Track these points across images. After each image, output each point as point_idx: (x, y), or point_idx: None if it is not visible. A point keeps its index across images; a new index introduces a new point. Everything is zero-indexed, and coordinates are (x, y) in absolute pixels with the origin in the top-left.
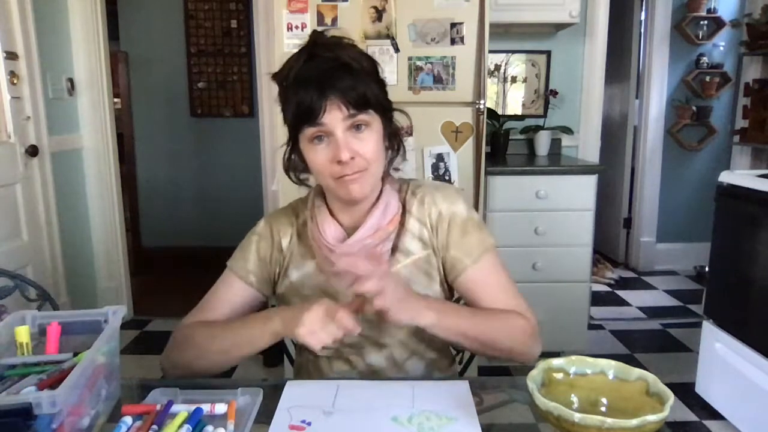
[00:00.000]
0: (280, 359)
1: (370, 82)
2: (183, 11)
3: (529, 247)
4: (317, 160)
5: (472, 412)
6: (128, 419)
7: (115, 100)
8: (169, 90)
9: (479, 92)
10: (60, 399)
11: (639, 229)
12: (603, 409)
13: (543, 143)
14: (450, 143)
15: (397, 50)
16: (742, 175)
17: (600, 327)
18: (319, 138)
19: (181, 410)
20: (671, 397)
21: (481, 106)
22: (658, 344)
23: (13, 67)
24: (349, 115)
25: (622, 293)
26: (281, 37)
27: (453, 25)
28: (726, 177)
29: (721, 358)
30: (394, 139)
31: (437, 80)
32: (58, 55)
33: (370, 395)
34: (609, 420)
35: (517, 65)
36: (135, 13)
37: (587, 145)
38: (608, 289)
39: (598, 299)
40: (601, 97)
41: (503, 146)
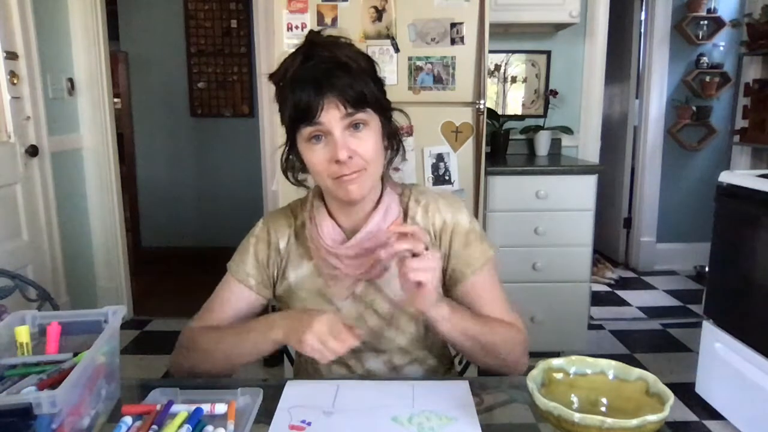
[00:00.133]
0: (280, 359)
1: (368, 81)
2: (183, 11)
3: (529, 247)
4: (315, 159)
5: (472, 412)
6: (128, 419)
7: (115, 100)
8: (169, 90)
9: (479, 92)
10: (60, 399)
11: (639, 229)
12: (603, 409)
13: (543, 143)
14: (450, 143)
15: (397, 50)
16: (742, 175)
17: (600, 327)
18: (316, 137)
19: (181, 410)
20: (671, 397)
21: (481, 106)
22: (658, 344)
23: (13, 67)
24: (347, 113)
25: (622, 293)
26: (281, 37)
27: (453, 25)
28: (726, 177)
29: (721, 358)
30: (393, 138)
31: (437, 80)
32: (58, 55)
33: (370, 395)
34: (609, 420)
35: (517, 65)
36: (135, 13)
37: (587, 145)
38: (608, 289)
39: (598, 299)
40: (601, 97)
41: (503, 146)
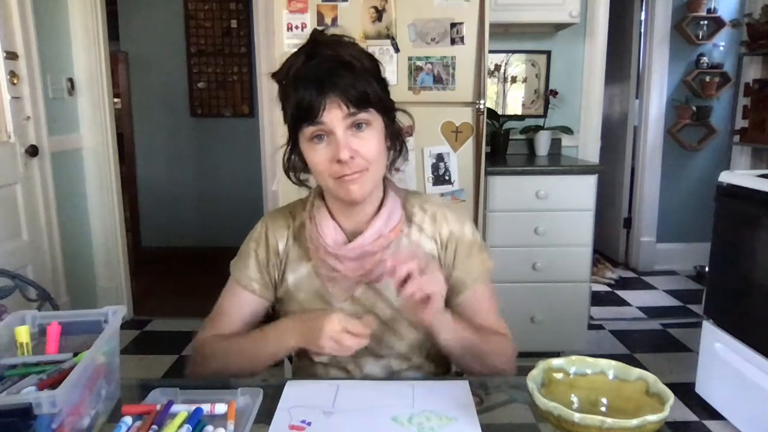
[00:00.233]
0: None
1: (371, 81)
2: (183, 11)
3: (529, 247)
4: (317, 159)
5: (472, 412)
6: (128, 419)
7: (115, 100)
8: (169, 90)
9: (479, 92)
10: (60, 399)
11: (639, 229)
12: (603, 409)
13: (543, 143)
14: (450, 143)
15: (397, 50)
16: (742, 175)
17: (600, 327)
18: (319, 137)
19: (181, 410)
20: (671, 397)
21: (481, 106)
22: (658, 344)
23: (13, 67)
24: (350, 113)
25: (622, 293)
26: (281, 37)
27: (453, 25)
28: (726, 177)
29: (721, 358)
30: (396, 139)
31: (437, 80)
32: (58, 55)
33: (370, 395)
34: (609, 420)
35: (517, 65)
36: (135, 13)
37: (587, 145)
38: (608, 289)
39: (598, 299)
40: (601, 97)
41: (503, 146)
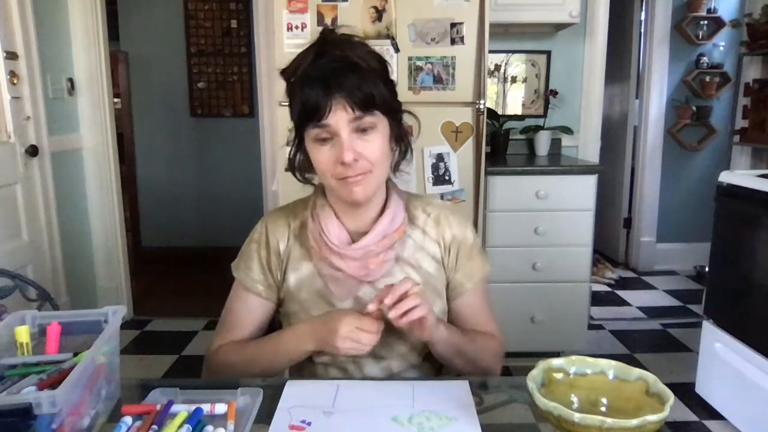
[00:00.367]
0: None
1: (378, 82)
2: (183, 11)
3: (529, 247)
4: (321, 159)
5: (472, 412)
6: (128, 419)
7: (115, 100)
8: (169, 90)
9: (479, 92)
10: (60, 399)
11: (639, 229)
12: (603, 409)
13: (543, 143)
14: (450, 143)
15: (397, 50)
16: (742, 175)
17: (600, 327)
18: (323, 138)
19: (181, 410)
20: (671, 397)
21: (481, 106)
22: (658, 344)
23: (13, 67)
24: (355, 116)
25: (622, 293)
26: (281, 37)
27: (453, 25)
28: (726, 177)
29: (721, 358)
30: (401, 141)
31: (437, 80)
32: (58, 55)
33: (370, 395)
34: (609, 420)
35: (517, 65)
36: (135, 13)
37: (587, 145)
38: (608, 289)
39: (598, 299)
40: (601, 97)
41: (503, 146)
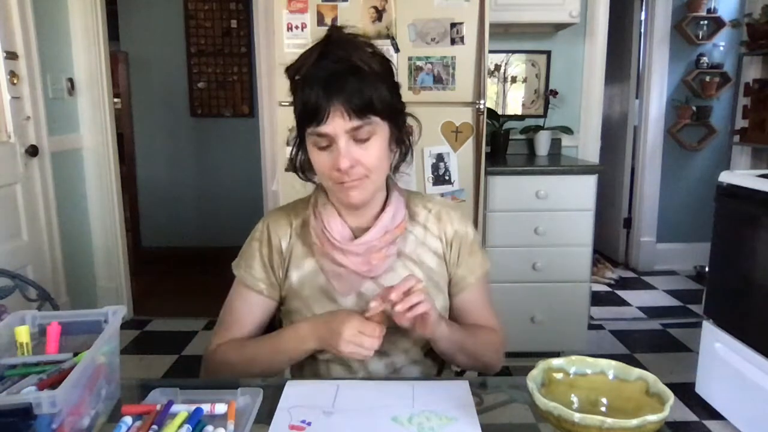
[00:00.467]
0: None
1: (380, 86)
2: (183, 11)
3: (529, 247)
4: (320, 162)
5: (472, 412)
6: (128, 419)
7: (115, 100)
8: (169, 90)
9: (479, 92)
10: (60, 399)
11: (639, 229)
12: (603, 409)
13: (543, 143)
14: (450, 143)
15: (397, 50)
16: (742, 175)
17: (600, 327)
18: (322, 144)
19: (181, 410)
20: (671, 397)
21: (481, 106)
22: (658, 344)
23: (13, 67)
24: (353, 125)
25: (622, 293)
26: (281, 37)
27: (453, 25)
28: (726, 177)
29: (721, 358)
30: (402, 143)
31: (437, 80)
32: (58, 55)
33: (370, 395)
34: (609, 420)
35: (517, 65)
36: (135, 13)
37: (587, 145)
38: (608, 289)
39: (598, 299)
40: (601, 97)
41: (503, 146)
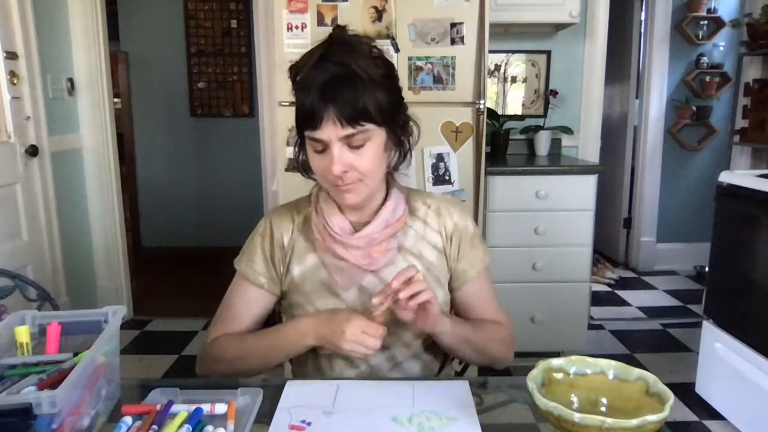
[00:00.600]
0: None
1: (377, 93)
2: (183, 11)
3: (529, 247)
4: (316, 164)
5: (472, 412)
6: (128, 419)
7: (115, 100)
8: (169, 90)
9: (479, 92)
10: (60, 399)
11: (639, 229)
12: (603, 409)
13: (543, 143)
14: (450, 143)
15: (397, 50)
16: (742, 175)
17: (600, 327)
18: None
19: (181, 410)
20: (671, 397)
21: (481, 106)
22: (658, 344)
23: (13, 67)
24: (346, 134)
25: (622, 293)
26: (281, 37)
27: (453, 25)
28: (726, 177)
29: (721, 358)
30: (401, 146)
31: (437, 80)
32: (58, 55)
33: (370, 395)
34: (609, 420)
35: (517, 65)
36: (135, 13)
37: (587, 145)
38: (608, 289)
39: (598, 299)
40: (601, 97)
41: (503, 146)
